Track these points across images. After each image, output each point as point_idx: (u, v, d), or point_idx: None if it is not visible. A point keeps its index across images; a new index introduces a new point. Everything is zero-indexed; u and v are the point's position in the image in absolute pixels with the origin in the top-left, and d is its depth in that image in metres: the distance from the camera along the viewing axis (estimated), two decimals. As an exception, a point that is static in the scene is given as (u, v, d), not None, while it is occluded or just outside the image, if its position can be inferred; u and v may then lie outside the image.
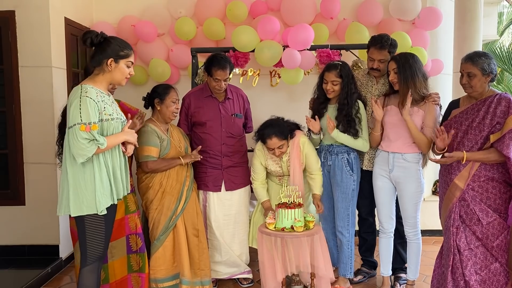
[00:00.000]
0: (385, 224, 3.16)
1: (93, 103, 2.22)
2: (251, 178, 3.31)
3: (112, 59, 2.33)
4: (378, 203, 3.20)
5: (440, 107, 3.04)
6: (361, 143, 3.13)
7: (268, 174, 3.31)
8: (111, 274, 2.89)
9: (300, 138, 3.14)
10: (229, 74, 3.25)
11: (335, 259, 3.34)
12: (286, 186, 2.97)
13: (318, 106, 3.22)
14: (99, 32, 2.36)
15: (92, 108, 2.21)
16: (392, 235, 3.19)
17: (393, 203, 3.16)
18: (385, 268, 3.23)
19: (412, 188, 3.02)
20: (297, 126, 3.22)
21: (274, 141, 3.00)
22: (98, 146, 2.21)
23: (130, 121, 2.52)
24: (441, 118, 2.94)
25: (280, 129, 3.02)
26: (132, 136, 2.44)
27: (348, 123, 3.08)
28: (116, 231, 2.81)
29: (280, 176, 3.25)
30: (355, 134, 3.09)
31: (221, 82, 3.20)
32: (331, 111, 3.19)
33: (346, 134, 3.09)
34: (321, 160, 3.22)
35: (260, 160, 3.21)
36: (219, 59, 3.19)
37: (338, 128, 3.11)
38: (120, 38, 2.45)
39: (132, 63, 2.44)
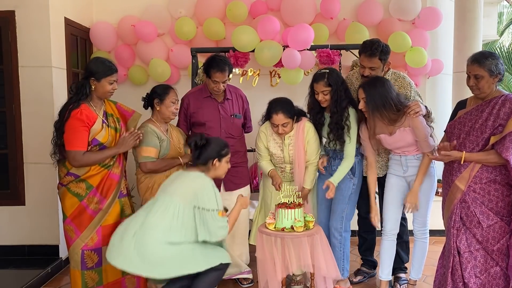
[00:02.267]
0: (389, 224, 3.08)
1: (218, 192, 2.61)
2: (256, 159, 3.35)
3: (216, 159, 2.66)
4: (386, 202, 3.10)
5: (428, 114, 2.97)
6: (348, 164, 3.08)
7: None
8: (104, 276, 2.84)
9: (306, 123, 3.15)
10: (228, 76, 3.24)
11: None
12: (288, 186, 2.97)
13: (315, 116, 3.17)
14: (201, 136, 2.70)
15: (220, 197, 2.60)
16: (395, 238, 3.12)
17: (401, 204, 3.09)
18: (384, 272, 3.15)
19: (425, 184, 2.98)
20: (304, 114, 3.23)
21: (280, 117, 3.03)
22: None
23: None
24: (429, 128, 2.91)
25: (288, 107, 3.07)
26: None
27: (337, 131, 3.04)
28: (110, 235, 2.71)
29: (281, 164, 3.23)
30: (342, 144, 3.06)
31: (219, 84, 3.20)
32: (328, 119, 3.14)
33: (337, 173, 3.06)
34: (326, 165, 3.17)
35: (263, 141, 3.23)
36: (218, 61, 3.19)
37: (329, 137, 3.08)
38: (217, 140, 2.77)
39: (229, 158, 2.79)
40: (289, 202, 2.86)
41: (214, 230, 2.51)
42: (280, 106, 3.05)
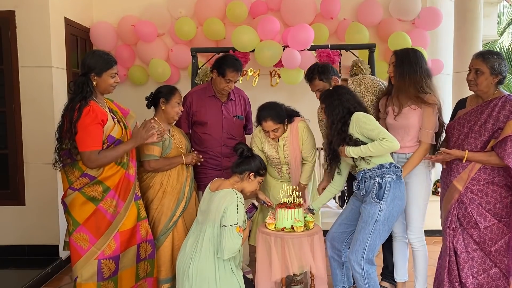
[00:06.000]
0: (395, 228, 2.99)
1: (244, 209, 2.64)
2: None
3: (253, 173, 2.78)
4: None
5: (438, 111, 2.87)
6: (378, 147, 2.60)
7: (268, 170, 3.29)
8: (119, 285, 2.67)
9: (299, 124, 3.14)
10: (239, 75, 3.27)
11: (338, 280, 3.00)
12: (287, 186, 2.97)
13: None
14: (249, 147, 2.91)
15: (244, 213, 2.63)
16: (405, 240, 3.03)
17: None
18: (398, 273, 3.08)
19: (417, 190, 2.85)
20: (297, 114, 3.21)
21: (269, 124, 3.01)
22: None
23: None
24: (437, 124, 2.81)
25: (276, 113, 3.02)
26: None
27: (343, 140, 2.73)
28: (128, 240, 2.65)
29: (277, 165, 3.23)
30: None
31: (232, 83, 3.21)
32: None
33: (356, 147, 2.68)
34: (354, 190, 2.86)
35: (257, 144, 3.22)
36: (234, 60, 3.21)
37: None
38: (261, 159, 2.91)
39: (263, 180, 2.91)
40: (289, 202, 2.85)
41: (228, 246, 2.51)
42: (268, 113, 3.01)
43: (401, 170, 2.75)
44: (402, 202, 2.70)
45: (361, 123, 2.68)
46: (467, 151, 2.53)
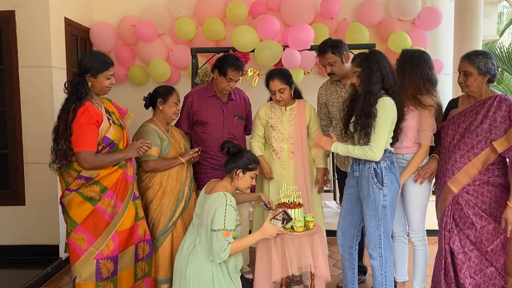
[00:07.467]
0: (394, 228, 2.97)
1: (234, 212, 2.53)
2: (250, 139, 3.36)
3: (241, 170, 2.66)
4: None
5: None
6: (362, 152, 2.63)
7: (267, 157, 3.28)
8: (119, 286, 2.67)
9: (306, 103, 3.24)
10: (240, 75, 3.29)
11: (348, 280, 3.00)
12: (286, 186, 2.97)
13: (349, 105, 2.83)
14: (235, 144, 2.74)
15: (234, 217, 2.52)
16: (404, 240, 3.03)
17: (400, 205, 2.95)
18: (398, 273, 3.07)
19: (417, 190, 2.84)
20: (301, 97, 3.29)
21: (275, 83, 3.09)
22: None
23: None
24: (435, 125, 2.78)
25: (284, 74, 3.13)
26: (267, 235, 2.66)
27: (360, 118, 2.63)
28: (126, 240, 2.65)
29: (279, 142, 3.19)
30: (367, 137, 2.62)
31: (233, 82, 3.22)
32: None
33: (344, 145, 2.72)
34: (348, 171, 2.89)
35: (260, 117, 3.25)
36: (235, 59, 3.22)
37: (356, 128, 2.68)
38: (250, 154, 2.78)
39: (256, 175, 2.77)
40: (289, 202, 2.85)
41: (217, 251, 2.47)
42: (276, 73, 3.13)
43: (393, 154, 2.74)
44: (398, 185, 2.76)
45: (380, 113, 2.58)
46: (509, 203, 2.44)
